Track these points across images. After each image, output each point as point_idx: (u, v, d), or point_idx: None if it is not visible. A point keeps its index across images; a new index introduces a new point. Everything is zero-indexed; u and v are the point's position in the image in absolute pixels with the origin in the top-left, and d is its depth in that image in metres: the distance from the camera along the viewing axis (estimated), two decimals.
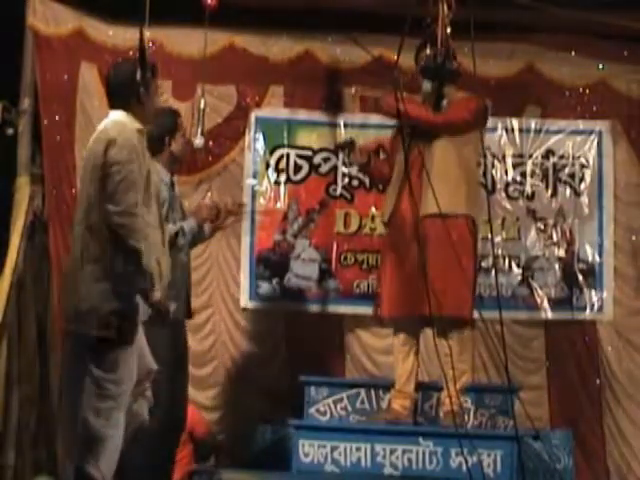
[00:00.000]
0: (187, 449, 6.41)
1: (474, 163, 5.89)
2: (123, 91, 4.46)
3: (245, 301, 7.02)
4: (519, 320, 7.04)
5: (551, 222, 7.12)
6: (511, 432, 5.54)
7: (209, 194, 6.94)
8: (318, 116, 7.12)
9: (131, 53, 6.39)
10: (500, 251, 7.04)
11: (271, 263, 7.03)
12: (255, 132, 7.07)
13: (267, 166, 7.08)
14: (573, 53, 7.16)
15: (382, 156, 6.55)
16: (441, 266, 5.52)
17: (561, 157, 7.17)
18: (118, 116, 4.44)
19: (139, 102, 4.45)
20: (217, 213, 5.53)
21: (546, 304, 7.04)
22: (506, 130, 7.14)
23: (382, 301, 5.86)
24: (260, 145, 7.09)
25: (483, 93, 6.05)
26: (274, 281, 7.02)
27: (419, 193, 5.57)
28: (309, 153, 7.11)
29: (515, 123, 7.15)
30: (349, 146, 5.96)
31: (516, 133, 7.15)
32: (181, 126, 5.44)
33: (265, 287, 7.02)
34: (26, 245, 6.81)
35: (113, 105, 4.52)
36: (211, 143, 6.89)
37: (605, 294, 7.07)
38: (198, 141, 5.79)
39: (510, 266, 7.06)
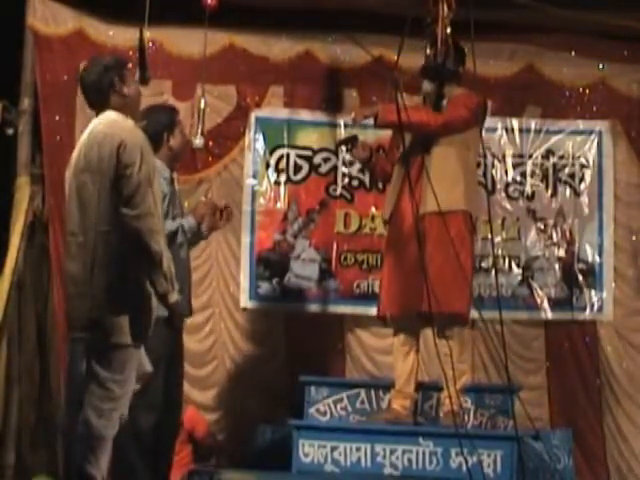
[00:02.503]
0: (187, 449, 6.42)
1: (473, 161, 5.89)
2: (101, 90, 4.40)
3: (245, 301, 7.01)
4: (519, 320, 7.05)
5: (551, 222, 7.12)
6: (511, 432, 5.53)
7: (209, 194, 6.94)
8: (318, 116, 7.12)
9: (131, 53, 6.39)
10: (500, 251, 7.04)
11: (271, 263, 7.03)
12: (255, 132, 7.07)
13: (267, 166, 7.08)
14: (573, 53, 7.17)
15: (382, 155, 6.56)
16: (439, 263, 5.52)
17: (561, 157, 7.17)
18: (112, 116, 4.39)
19: (122, 97, 4.40)
20: (214, 210, 5.53)
21: (546, 304, 7.05)
22: (506, 130, 7.14)
23: (381, 299, 5.86)
24: (260, 145, 7.08)
25: (483, 93, 6.05)
26: (274, 281, 7.02)
27: (419, 191, 5.57)
28: (309, 153, 7.12)
29: (515, 123, 7.15)
30: (352, 141, 5.96)
31: (516, 133, 7.15)
32: (179, 122, 5.44)
33: (265, 287, 7.02)
34: (26, 245, 6.81)
35: (96, 107, 4.46)
36: (211, 143, 6.89)
37: (605, 294, 7.07)
38: (198, 141, 5.80)
39: (510, 266, 7.07)
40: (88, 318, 4.24)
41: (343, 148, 6.47)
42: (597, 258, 7.11)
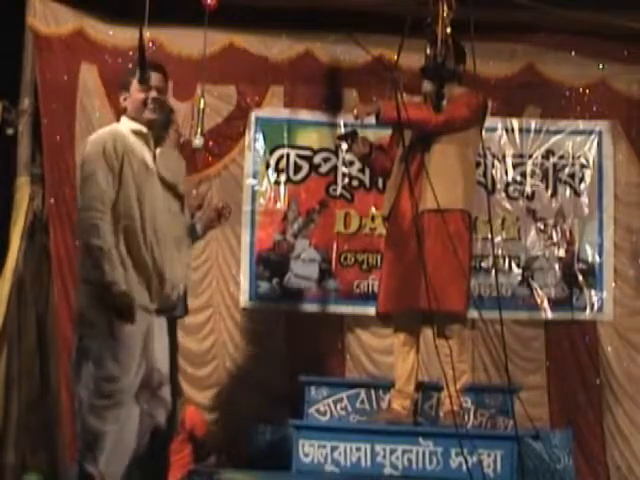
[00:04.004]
0: (187, 449, 6.40)
1: (473, 160, 5.90)
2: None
3: (245, 301, 7.01)
4: (519, 320, 7.04)
5: (551, 222, 7.12)
6: (511, 432, 5.54)
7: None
8: (318, 116, 7.12)
9: (131, 53, 6.40)
10: (500, 251, 7.04)
11: (271, 263, 7.03)
12: (255, 132, 7.07)
13: (267, 166, 7.08)
14: (573, 53, 7.16)
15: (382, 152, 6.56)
16: (437, 261, 5.51)
17: (561, 157, 7.17)
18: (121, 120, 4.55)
19: (126, 102, 4.52)
20: (202, 202, 5.55)
21: (546, 304, 7.04)
22: (506, 130, 7.14)
23: (379, 296, 5.86)
24: (260, 145, 7.09)
25: (483, 93, 6.05)
26: (274, 281, 7.02)
27: (419, 189, 5.57)
28: (309, 153, 7.12)
29: (515, 123, 7.15)
30: (352, 136, 5.96)
31: (516, 133, 7.15)
32: (174, 122, 5.44)
33: (265, 287, 7.02)
34: (26, 245, 6.81)
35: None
36: (211, 143, 6.90)
37: (605, 294, 7.07)
38: (198, 141, 5.79)
39: (510, 266, 7.06)
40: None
41: (343, 143, 6.47)
42: (597, 258, 7.10)
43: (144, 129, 4.48)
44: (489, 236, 6.63)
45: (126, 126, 4.48)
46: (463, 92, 5.77)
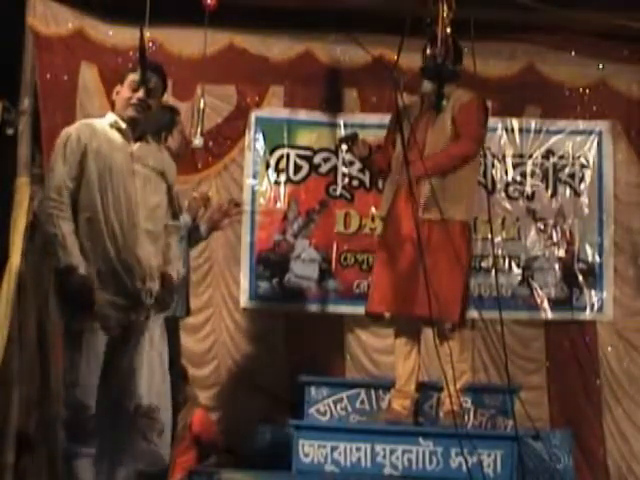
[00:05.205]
0: (192, 452, 6.38)
1: (476, 169, 5.89)
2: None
3: (245, 301, 7.01)
4: (519, 320, 7.04)
5: (551, 222, 7.12)
6: (511, 432, 5.54)
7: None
8: (318, 116, 7.12)
9: (131, 53, 6.40)
10: (500, 251, 7.04)
11: (271, 263, 7.03)
12: (255, 132, 7.07)
13: (267, 166, 7.08)
14: (573, 53, 7.16)
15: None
16: (434, 270, 5.48)
17: (561, 157, 7.17)
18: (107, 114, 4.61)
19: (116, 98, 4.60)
20: (207, 202, 5.55)
21: (546, 304, 7.04)
22: (506, 130, 7.14)
23: (370, 296, 5.86)
24: (260, 145, 7.09)
25: (483, 93, 6.05)
26: (274, 281, 7.02)
27: (418, 195, 5.57)
28: (309, 153, 7.12)
29: (515, 123, 7.14)
30: (352, 139, 5.97)
31: (516, 133, 7.15)
32: (179, 122, 5.44)
33: (265, 287, 7.02)
34: (26, 245, 6.81)
35: None
36: (211, 143, 6.90)
37: (605, 294, 7.07)
38: (198, 141, 5.80)
39: (510, 266, 7.06)
40: None
41: (344, 145, 6.48)
42: (597, 258, 7.10)
43: (122, 123, 4.48)
44: (489, 236, 6.63)
45: (106, 120, 4.50)
46: (469, 103, 5.73)
